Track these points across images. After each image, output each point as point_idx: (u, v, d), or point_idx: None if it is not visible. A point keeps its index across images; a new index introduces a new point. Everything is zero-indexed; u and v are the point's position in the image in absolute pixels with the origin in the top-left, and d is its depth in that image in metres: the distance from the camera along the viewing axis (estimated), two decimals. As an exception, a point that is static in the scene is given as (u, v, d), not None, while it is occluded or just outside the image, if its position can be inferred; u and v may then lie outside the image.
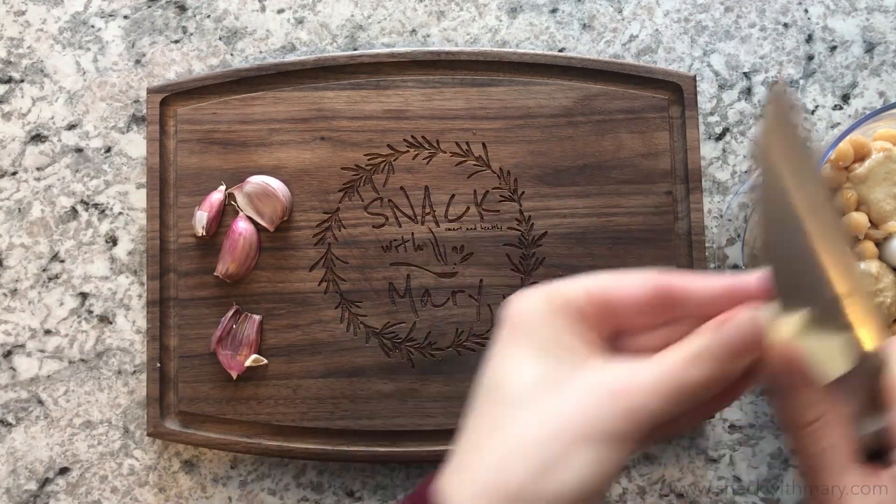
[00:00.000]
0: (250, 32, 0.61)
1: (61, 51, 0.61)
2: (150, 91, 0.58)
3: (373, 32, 0.61)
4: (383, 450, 0.56)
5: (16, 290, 0.59)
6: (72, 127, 0.60)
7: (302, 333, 0.57)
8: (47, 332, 0.59)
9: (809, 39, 0.61)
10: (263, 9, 0.61)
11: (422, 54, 0.58)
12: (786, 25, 0.61)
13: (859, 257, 0.50)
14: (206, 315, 0.57)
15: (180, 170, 0.58)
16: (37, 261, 0.59)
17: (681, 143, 0.58)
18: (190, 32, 0.61)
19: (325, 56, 0.58)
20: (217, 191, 0.57)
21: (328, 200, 0.58)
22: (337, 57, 0.58)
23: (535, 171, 0.58)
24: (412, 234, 0.57)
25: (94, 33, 0.61)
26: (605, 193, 0.57)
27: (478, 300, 0.57)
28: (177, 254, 0.57)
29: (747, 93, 0.60)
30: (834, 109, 0.60)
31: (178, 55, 0.61)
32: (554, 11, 0.61)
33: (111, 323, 0.59)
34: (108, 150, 0.60)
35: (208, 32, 0.61)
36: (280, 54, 0.61)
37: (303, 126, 0.58)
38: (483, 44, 0.61)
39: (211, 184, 0.58)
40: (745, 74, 0.60)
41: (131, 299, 0.59)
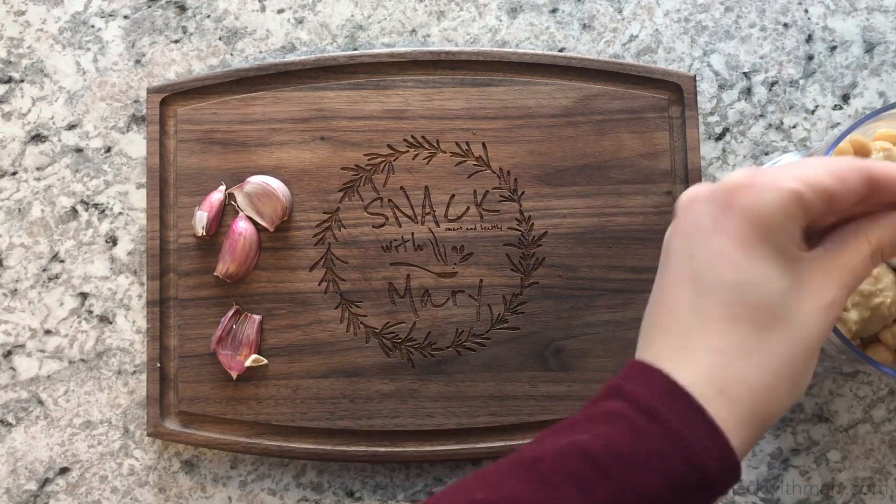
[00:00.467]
0: (250, 32, 0.61)
1: (61, 51, 0.61)
2: (150, 91, 0.58)
3: (373, 32, 0.61)
4: (383, 450, 0.56)
5: (16, 290, 0.59)
6: (72, 127, 0.60)
7: (302, 333, 0.57)
8: (47, 332, 0.59)
9: (809, 39, 0.61)
10: (263, 9, 0.61)
11: (422, 54, 0.58)
12: (786, 25, 0.61)
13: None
14: (206, 315, 0.57)
15: (180, 170, 0.58)
16: (37, 261, 0.59)
17: (681, 143, 0.58)
18: (190, 32, 0.61)
19: (325, 56, 0.58)
20: (217, 191, 0.57)
21: (328, 200, 0.58)
22: (337, 57, 0.58)
23: (535, 171, 0.58)
24: (412, 234, 0.57)
25: (94, 33, 0.61)
26: (605, 193, 0.57)
27: (478, 300, 0.57)
28: (177, 254, 0.57)
29: (747, 93, 0.60)
30: (834, 109, 0.60)
31: (178, 55, 0.61)
32: (554, 11, 0.61)
33: (111, 323, 0.59)
34: (108, 150, 0.60)
35: (208, 32, 0.61)
36: (280, 54, 0.61)
37: (303, 126, 0.58)
38: (483, 44, 0.61)
39: (211, 184, 0.58)
40: (745, 74, 0.60)
41: (131, 299, 0.59)
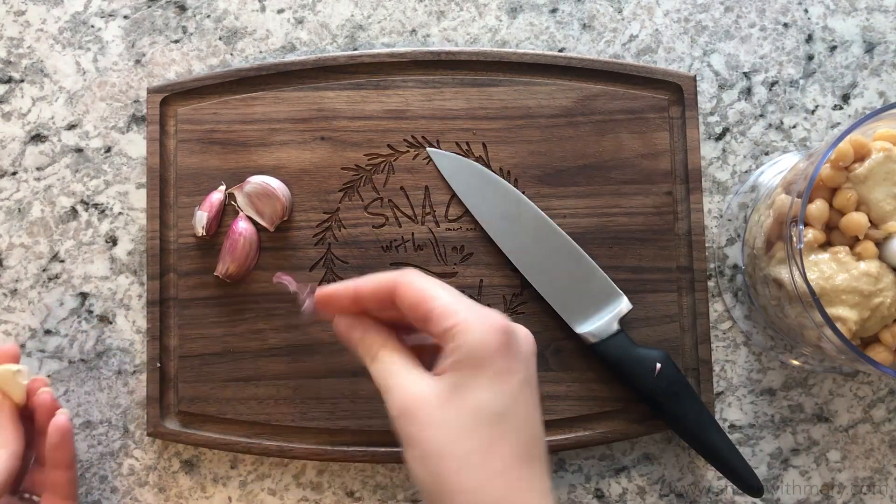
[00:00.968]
0: (250, 32, 0.61)
1: (61, 51, 0.61)
2: (150, 91, 0.58)
3: (373, 32, 0.61)
4: (383, 450, 0.56)
5: (16, 290, 0.59)
6: (72, 127, 0.60)
7: (302, 333, 0.57)
8: (47, 332, 0.59)
9: (809, 39, 0.61)
10: (263, 9, 0.61)
11: (422, 54, 0.58)
12: (786, 25, 0.61)
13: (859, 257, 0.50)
14: (207, 315, 0.57)
15: (180, 170, 0.58)
16: (37, 261, 0.59)
17: (681, 143, 0.58)
18: (190, 32, 0.61)
19: (325, 56, 0.58)
20: (217, 191, 0.57)
21: (328, 200, 0.58)
22: (337, 57, 0.58)
23: (536, 172, 0.58)
24: (412, 234, 0.57)
25: (94, 33, 0.61)
26: (605, 193, 0.57)
27: (478, 300, 0.57)
28: (177, 254, 0.57)
29: (747, 93, 0.60)
30: (834, 109, 0.60)
31: (178, 55, 0.61)
32: (554, 11, 0.61)
33: (111, 323, 0.59)
34: (108, 150, 0.60)
35: (208, 32, 0.61)
36: (280, 54, 0.61)
37: (303, 126, 0.58)
38: (483, 44, 0.61)
39: (211, 184, 0.58)
40: (745, 74, 0.60)
41: (131, 299, 0.59)
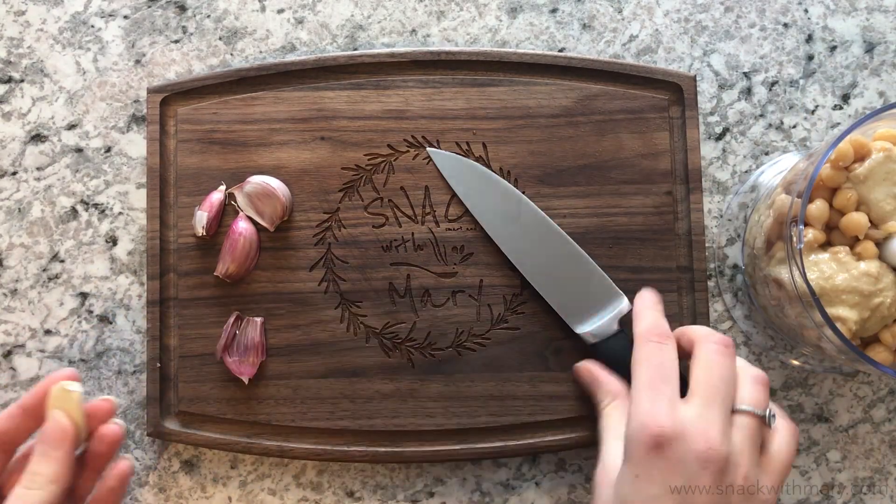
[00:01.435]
0: (250, 32, 0.61)
1: (61, 51, 0.61)
2: (150, 91, 0.58)
3: (373, 32, 0.61)
4: (383, 450, 0.56)
5: (16, 290, 0.59)
6: (72, 127, 0.60)
7: (302, 333, 0.57)
8: (47, 332, 0.59)
9: (809, 39, 0.61)
10: (263, 9, 0.61)
11: (422, 54, 0.58)
12: (786, 25, 0.61)
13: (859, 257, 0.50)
14: (206, 315, 0.57)
15: (180, 170, 0.58)
16: (37, 261, 0.59)
17: (681, 143, 0.58)
18: (190, 32, 0.61)
19: (325, 56, 0.58)
20: (217, 191, 0.57)
21: (328, 200, 0.58)
22: (337, 57, 0.58)
23: (536, 171, 0.58)
24: (412, 234, 0.57)
25: (94, 33, 0.61)
26: (605, 193, 0.57)
27: (478, 300, 0.57)
28: (177, 254, 0.57)
29: (747, 93, 0.60)
30: (834, 109, 0.60)
31: (178, 55, 0.61)
32: (554, 11, 0.61)
33: (111, 323, 0.59)
34: (108, 150, 0.60)
35: (208, 32, 0.61)
36: (280, 54, 0.61)
37: (303, 126, 0.58)
38: (483, 44, 0.61)
39: (211, 184, 0.58)
40: (745, 74, 0.60)
41: (131, 299, 0.59)
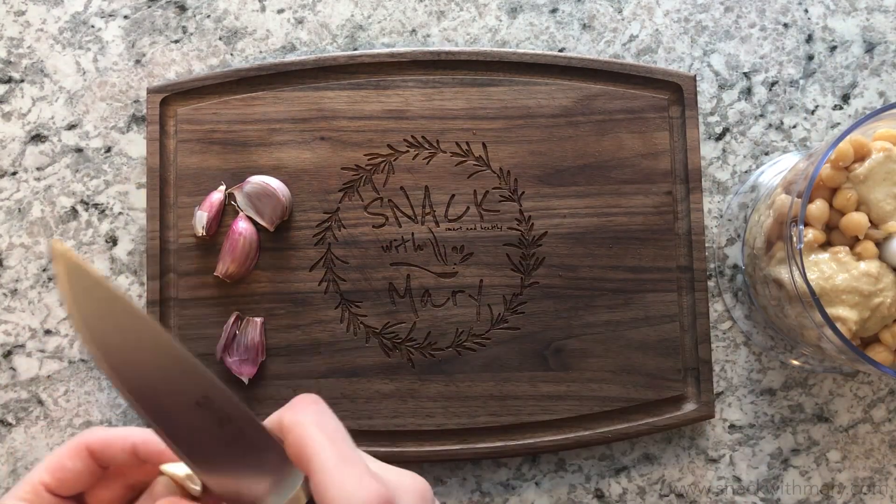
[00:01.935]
0: (250, 32, 0.61)
1: (61, 51, 0.61)
2: (150, 91, 0.58)
3: (373, 32, 0.61)
4: (383, 450, 0.56)
5: (16, 290, 0.59)
6: (72, 127, 0.60)
7: (302, 333, 0.57)
8: (47, 332, 0.59)
9: (809, 39, 0.61)
10: (263, 9, 0.61)
11: (422, 54, 0.58)
12: (786, 25, 0.61)
13: (859, 257, 0.50)
14: (207, 315, 0.57)
15: (180, 170, 0.58)
16: (37, 261, 0.59)
17: (681, 143, 0.58)
18: (190, 32, 0.61)
19: (325, 56, 0.58)
20: (217, 191, 0.57)
21: (328, 200, 0.58)
22: (337, 57, 0.58)
23: (536, 171, 0.58)
24: (412, 234, 0.57)
25: (94, 33, 0.61)
26: (605, 193, 0.57)
27: (478, 300, 0.57)
28: (177, 254, 0.57)
29: (747, 93, 0.60)
30: (834, 109, 0.60)
31: (178, 55, 0.61)
32: (554, 11, 0.61)
33: (111, 323, 0.59)
34: (108, 150, 0.60)
35: (208, 32, 0.61)
36: (280, 54, 0.61)
37: (303, 126, 0.58)
38: (483, 44, 0.61)
39: (211, 184, 0.58)
40: (745, 74, 0.60)
41: (131, 299, 0.59)
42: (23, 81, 0.60)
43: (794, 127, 0.60)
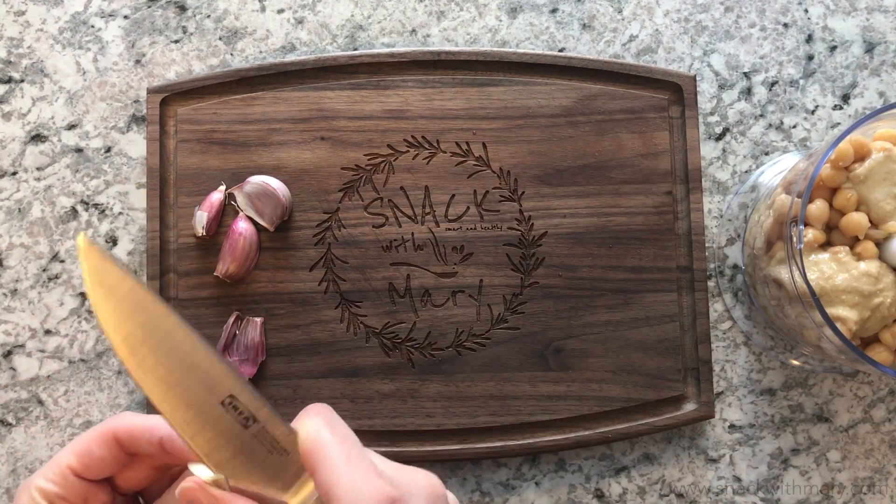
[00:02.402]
0: (250, 32, 0.61)
1: (61, 51, 0.61)
2: (150, 91, 0.58)
3: (373, 32, 0.61)
4: (383, 450, 0.56)
5: (16, 290, 0.59)
6: (72, 127, 0.60)
7: (302, 333, 0.57)
8: (47, 332, 0.59)
9: (809, 39, 0.61)
10: (263, 9, 0.61)
11: (422, 54, 0.58)
12: (786, 25, 0.61)
13: (858, 258, 0.50)
14: (206, 315, 0.57)
15: (180, 170, 0.58)
16: (37, 261, 0.59)
17: (681, 143, 0.58)
18: (190, 32, 0.61)
19: (325, 56, 0.58)
20: (217, 191, 0.57)
21: (328, 200, 0.58)
22: (337, 57, 0.58)
23: (535, 171, 0.58)
24: (412, 234, 0.57)
25: (94, 33, 0.61)
26: (605, 193, 0.57)
27: (478, 300, 0.57)
28: (177, 254, 0.57)
29: (747, 93, 0.60)
30: (834, 109, 0.60)
31: (178, 55, 0.61)
32: (554, 11, 0.61)
33: (111, 323, 0.59)
34: (108, 150, 0.60)
35: (208, 32, 0.61)
36: (280, 54, 0.61)
37: (303, 126, 0.58)
38: (483, 44, 0.61)
39: (211, 184, 0.58)
40: (745, 74, 0.60)
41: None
42: (23, 81, 0.60)
43: (794, 127, 0.60)
